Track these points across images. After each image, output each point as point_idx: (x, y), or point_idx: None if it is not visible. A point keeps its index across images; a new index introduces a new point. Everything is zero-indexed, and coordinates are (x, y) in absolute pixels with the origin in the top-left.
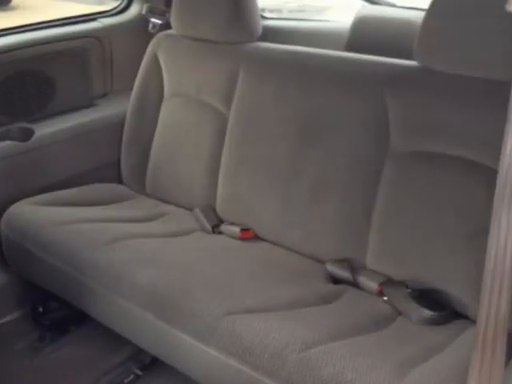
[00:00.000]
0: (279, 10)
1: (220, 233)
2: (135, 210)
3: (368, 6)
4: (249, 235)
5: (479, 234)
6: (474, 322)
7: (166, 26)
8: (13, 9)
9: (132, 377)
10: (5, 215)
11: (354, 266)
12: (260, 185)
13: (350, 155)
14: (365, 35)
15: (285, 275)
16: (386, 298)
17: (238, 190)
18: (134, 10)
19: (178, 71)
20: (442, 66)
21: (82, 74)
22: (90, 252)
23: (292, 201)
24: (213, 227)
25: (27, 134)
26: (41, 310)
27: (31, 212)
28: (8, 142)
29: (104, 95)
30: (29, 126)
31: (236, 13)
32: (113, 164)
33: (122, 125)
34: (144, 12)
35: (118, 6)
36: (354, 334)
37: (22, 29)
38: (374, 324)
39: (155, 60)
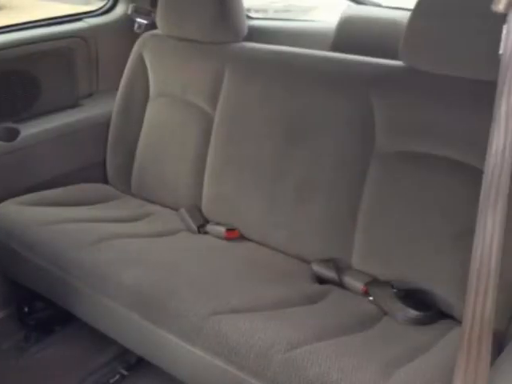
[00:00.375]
0: (265, 10)
1: (206, 233)
2: (121, 210)
3: (353, 5)
4: (234, 235)
5: (465, 233)
6: (459, 321)
7: (152, 26)
8: None
9: (118, 377)
10: None
11: (339, 266)
12: (245, 185)
13: (336, 155)
14: (350, 35)
15: (270, 275)
16: (371, 298)
17: (223, 190)
18: (119, 9)
19: (163, 71)
20: (427, 66)
21: (67, 73)
22: (75, 252)
23: (277, 201)
24: (198, 227)
25: (13, 134)
26: (26, 309)
27: (17, 212)
28: None
29: (89, 95)
30: (14, 126)
31: (222, 13)
32: (98, 164)
33: (107, 125)
34: (130, 12)
35: (104, 6)
36: (340, 334)
37: (8, 29)
38: (360, 324)
39: (141, 60)
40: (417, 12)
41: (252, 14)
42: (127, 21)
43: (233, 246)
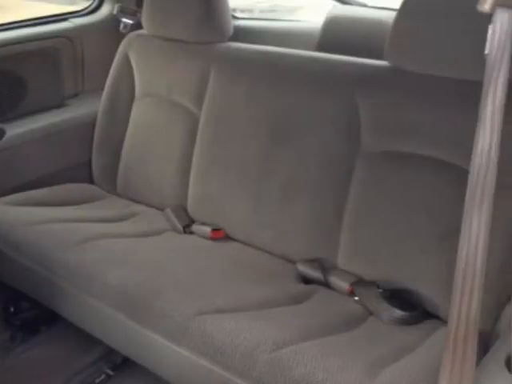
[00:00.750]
0: (250, 10)
1: (191, 233)
2: (106, 210)
3: (339, 6)
4: (220, 235)
5: (450, 233)
6: (445, 322)
7: (137, 26)
8: None
9: (103, 377)
10: None
11: (325, 266)
12: (231, 185)
13: (321, 155)
14: (336, 35)
15: (256, 275)
16: (357, 298)
17: (209, 190)
18: (105, 9)
19: (149, 71)
20: (412, 66)
21: (53, 74)
22: (61, 252)
23: (263, 201)
24: (184, 227)
25: None
26: (12, 310)
27: (2, 212)
28: None
29: (75, 95)
30: (0, 126)
31: (207, 13)
32: (84, 164)
33: (93, 125)
34: (115, 12)
35: (89, 5)
36: (325, 334)
37: None
38: (345, 324)
39: (126, 60)
40: (402, 12)
41: (237, 14)
42: (113, 21)
43: (218, 245)
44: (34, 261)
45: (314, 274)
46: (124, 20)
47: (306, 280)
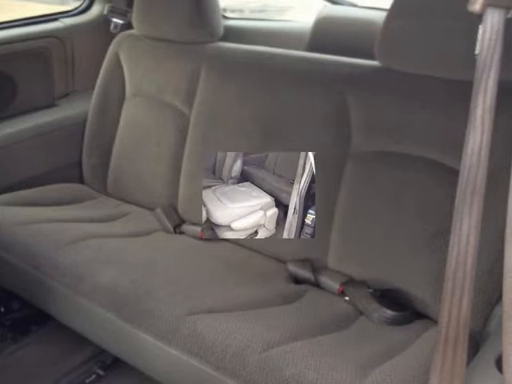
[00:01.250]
0: (241, 10)
1: (181, 233)
2: (97, 209)
3: (329, 6)
4: None
5: (441, 234)
6: (435, 322)
7: (128, 26)
8: None
9: (94, 377)
10: None
11: (315, 266)
12: None
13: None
14: (326, 35)
15: (246, 275)
16: (347, 298)
17: (199, 190)
18: (95, 9)
19: (139, 71)
20: (403, 66)
21: (43, 74)
22: (51, 252)
23: None
24: (174, 227)
25: None
26: (2, 310)
27: None
28: None
29: (66, 95)
30: None
31: (198, 13)
32: (74, 164)
33: (83, 125)
34: (106, 12)
35: (80, 5)
36: (316, 333)
37: None
38: (336, 324)
39: (117, 60)
40: (393, 12)
41: (228, 14)
42: (103, 21)
43: (208, 246)
44: (25, 261)
45: (305, 274)
46: (114, 20)
47: (297, 280)
